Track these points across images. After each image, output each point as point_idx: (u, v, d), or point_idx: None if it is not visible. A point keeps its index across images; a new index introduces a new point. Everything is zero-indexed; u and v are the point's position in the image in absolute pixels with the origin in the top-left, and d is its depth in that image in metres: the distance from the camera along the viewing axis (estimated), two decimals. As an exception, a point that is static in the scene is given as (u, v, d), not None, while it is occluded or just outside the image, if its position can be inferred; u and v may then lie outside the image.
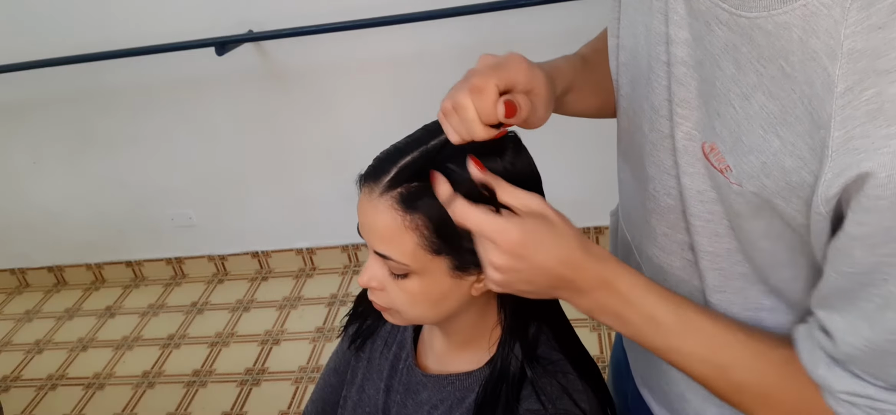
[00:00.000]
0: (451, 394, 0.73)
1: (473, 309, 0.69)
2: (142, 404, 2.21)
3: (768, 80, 0.45)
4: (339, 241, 2.68)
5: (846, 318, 0.47)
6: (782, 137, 0.45)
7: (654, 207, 0.63)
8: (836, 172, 0.41)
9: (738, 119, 0.48)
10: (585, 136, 2.17)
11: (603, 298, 0.56)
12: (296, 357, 2.29)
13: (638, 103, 0.62)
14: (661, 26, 0.55)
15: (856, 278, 0.44)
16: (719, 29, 0.48)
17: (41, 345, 2.60)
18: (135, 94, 2.41)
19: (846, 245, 0.43)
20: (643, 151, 0.63)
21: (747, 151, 0.48)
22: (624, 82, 0.66)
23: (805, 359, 0.52)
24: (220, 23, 2.17)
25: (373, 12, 2.03)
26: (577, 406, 0.66)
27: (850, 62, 0.39)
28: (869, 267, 0.43)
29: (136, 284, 2.87)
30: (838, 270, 0.45)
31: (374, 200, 0.62)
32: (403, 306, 0.66)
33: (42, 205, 2.75)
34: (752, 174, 0.48)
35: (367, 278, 0.66)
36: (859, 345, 0.46)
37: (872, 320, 0.45)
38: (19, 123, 2.54)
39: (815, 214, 0.44)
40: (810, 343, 0.52)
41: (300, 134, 2.42)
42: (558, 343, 0.71)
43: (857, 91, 0.39)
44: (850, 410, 0.49)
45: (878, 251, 0.42)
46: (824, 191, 0.42)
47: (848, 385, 0.48)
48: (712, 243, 0.58)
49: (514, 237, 0.53)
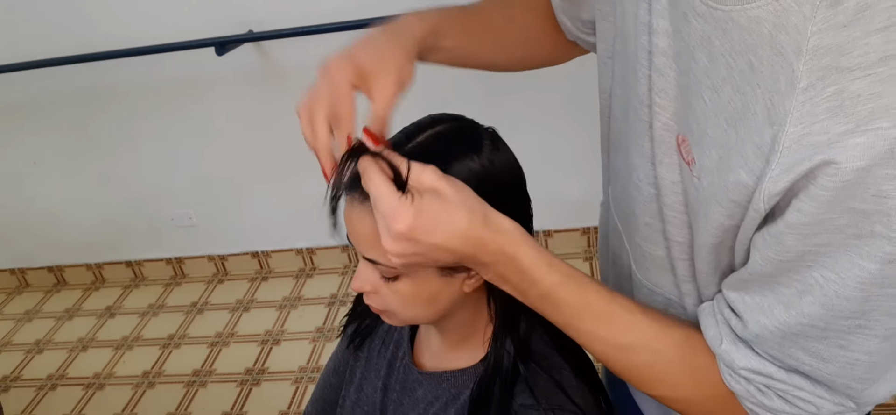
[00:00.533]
0: (446, 391, 0.73)
1: (468, 306, 0.69)
2: (142, 404, 2.21)
3: (737, 73, 0.45)
4: (339, 241, 2.68)
5: (761, 301, 0.49)
6: (738, 132, 0.46)
7: (637, 195, 0.64)
8: (786, 167, 0.41)
9: (707, 112, 0.49)
10: (585, 135, 2.17)
11: (504, 270, 0.55)
12: (296, 357, 2.29)
13: (626, 91, 0.63)
14: (644, 15, 0.56)
15: (781, 265, 0.45)
16: (696, 21, 0.48)
17: (41, 345, 2.60)
18: (135, 95, 2.41)
19: (780, 232, 0.44)
20: (629, 139, 0.64)
21: (710, 145, 0.49)
22: (617, 70, 0.67)
23: (710, 334, 0.54)
24: (220, 23, 2.17)
25: (373, 12, 2.03)
26: (571, 402, 0.66)
27: (815, 59, 0.40)
28: (796, 255, 0.44)
29: (136, 284, 2.87)
30: (765, 255, 0.46)
31: (356, 207, 0.62)
32: (398, 308, 0.66)
33: (42, 205, 2.75)
34: (711, 168, 0.49)
35: (360, 283, 0.66)
36: (771, 327, 0.48)
37: (789, 304, 0.46)
38: (19, 123, 2.55)
39: (753, 211, 0.45)
40: (714, 320, 0.54)
41: (300, 134, 2.41)
42: (552, 339, 0.71)
43: (820, 87, 0.40)
44: (746, 386, 0.52)
45: (809, 241, 0.43)
46: (770, 187, 0.43)
47: (749, 362, 0.51)
48: (682, 234, 0.59)
49: (405, 222, 0.51)
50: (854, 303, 0.43)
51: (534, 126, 2.15)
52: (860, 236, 0.40)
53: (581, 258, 2.46)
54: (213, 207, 2.66)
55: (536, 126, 2.16)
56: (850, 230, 0.41)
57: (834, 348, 0.46)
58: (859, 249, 0.41)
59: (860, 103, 0.38)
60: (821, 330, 0.46)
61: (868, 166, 0.38)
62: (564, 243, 2.49)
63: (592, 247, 2.49)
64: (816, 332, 0.46)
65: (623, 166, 0.69)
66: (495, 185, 0.61)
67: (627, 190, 0.67)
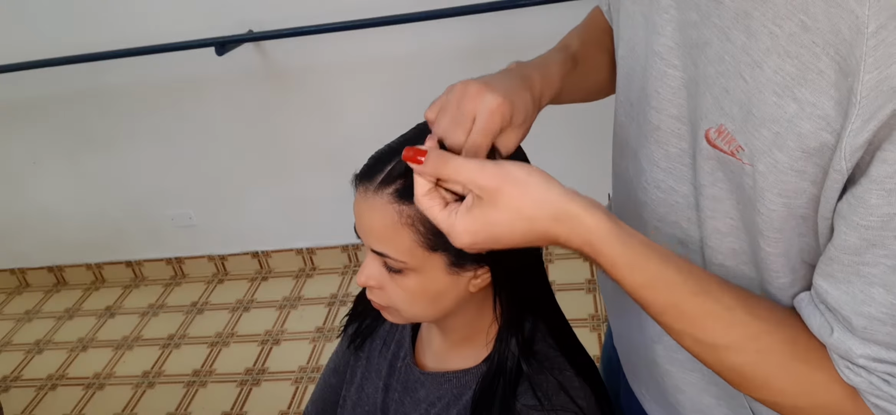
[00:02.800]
0: (448, 391, 0.73)
1: (471, 306, 0.70)
2: (142, 404, 2.21)
3: (785, 39, 0.44)
4: (338, 241, 2.68)
5: (850, 289, 0.45)
6: (799, 99, 0.44)
7: (645, 199, 0.63)
8: (867, 116, 0.40)
9: (749, 91, 0.47)
10: (586, 135, 2.17)
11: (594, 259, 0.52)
12: (296, 357, 2.29)
13: (634, 95, 0.62)
14: (656, 16, 0.55)
15: (866, 233, 0.42)
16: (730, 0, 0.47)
17: (41, 345, 2.60)
18: (135, 95, 2.41)
19: (864, 191, 0.41)
20: (636, 143, 0.63)
21: (758, 124, 0.46)
22: (621, 75, 0.67)
23: (815, 324, 0.49)
24: (220, 23, 2.17)
25: (373, 12, 2.03)
26: (574, 402, 0.66)
27: (878, 1, 0.38)
28: (880, 220, 0.41)
29: (136, 284, 2.87)
30: (850, 222, 0.43)
31: (369, 199, 0.62)
32: (402, 304, 0.66)
33: (42, 205, 2.75)
34: (764, 149, 0.47)
35: (365, 277, 0.66)
36: (877, 313, 0.44)
37: (888, 284, 0.42)
38: (19, 123, 2.55)
39: (834, 173, 0.43)
40: (816, 310, 0.49)
41: (300, 134, 2.42)
42: (554, 339, 0.71)
43: (891, 27, 0.38)
44: (867, 377, 0.46)
45: (894, 201, 0.40)
46: (851, 140, 0.41)
47: (867, 349, 0.45)
48: (714, 240, 0.57)
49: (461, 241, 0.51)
50: None
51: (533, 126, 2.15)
52: None
53: (581, 258, 2.47)
54: (213, 207, 2.66)
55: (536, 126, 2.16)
56: None
57: None
58: None
59: None
60: None
61: None
62: (564, 243, 2.49)
63: (592, 247, 2.49)
64: None
65: (626, 170, 0.69)
66: None
67: (633, 194, 0.66)
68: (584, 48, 0.76)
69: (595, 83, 0.78)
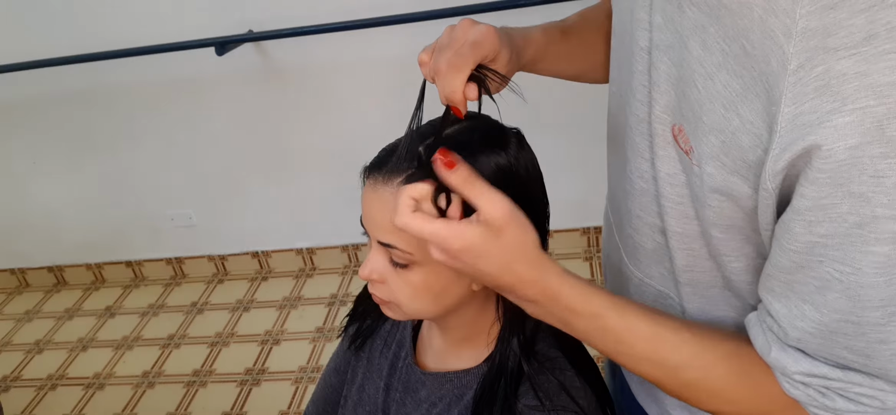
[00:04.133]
0: (449, 391, 0.73)
1: (473, 305, 0.70)
2: (142, 404, 2.22)
3: (732, 58, 0.46)
4: (339, 241, 2.68)
5: (787, 304, 0.48)
6: (741, 115, 0.46)
7: (630, 188, 0.65)
8: (783, 146, 0.42)
9: (701, 99, 0.49)
10: (585, 136, 2.18)
11: (548, 308, 0.57)
12: (296, 357, 2.29)
13: (622, 87, 0.64)
14: (642, 12, 0.57)
15: (794, 257, 0.46)
16: (690, 10, 0.50)
17: (41, 345, 2.60)
18: (135, 95, 2.41)
19: (788, 219, 0.45)
20: (624, 134, 0.65)
21: (707, 131, 0.49)
22: (613, 67, 0.68)
23: (758, 344, 0.52)
24: (220, 23, 2.17)
25: (373, 12, 2.03)
26: (575, 403, 0.66)
27: (803, 40, 0.41)
28: (805, 246, 0.44)
29: (136, 284, 2.87)
30: (781, 245, 0.46)
31: (379, 190, 0.62)
32: (404, 299, 0.66)
33: (42, 205, 2.75)
34: (712, 154, 0.49)
35: (368, 271, 0.66)
36: (808, 328, 0.47)
37: (816, 303, 0.46)
38: (19, 123, 2.55)
39: (763, 191, 0.46)
40: (761, 328, 0.53)
41: (300, 134, 2.42)
42: (557, 340, 0.71)
43: (808, 68, 0.41)
44: (805, 391, 0.50)
45: (815, 230, 0.43)
46: (772, 165, 0.44)
47: (801, 366, 0.49)
48: (681, 225, 0.59)
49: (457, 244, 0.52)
50: (879, 290, 0.43)
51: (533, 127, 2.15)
52: (863, 224, 0.41)
53: (581, 258, 2.47)
54: (213, 207, 2.66)
55: (536, 127, 2.16)
56: (852, 218, 0.41)
57: (875, 344, 0.45)
58: (865, 236, 0.41)
59: (846, 82, 0.39)
60: (855, 325, 0.45)
61: (859, 144, 0.39)
62: (564, 243, 2.49)
63: (592, 247, 2.49)
64: (852, 328, 0.45)
65: (615, 160, 0.70)
66: (518, 181, 0.62)
67: (622, 184, 0.68)
68: (581, 23, 0.79)
69: (591, 63, 0.81)
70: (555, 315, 0.57)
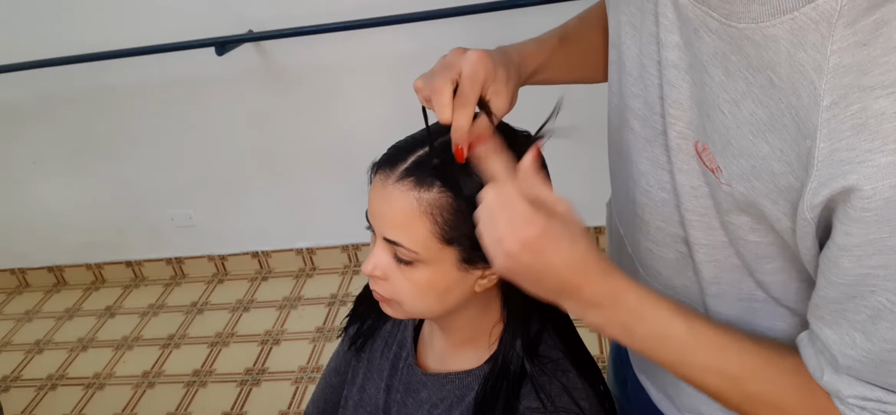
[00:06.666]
0: (450, 392, 0.73)
1: (475, 306, 0.69)
2: (142, 404, 2.21)
3: (757, 88, 0.45)
4: (339, 241, 2.68)
5: (837, 331, 0.48)
6: (771, 143, 0.46)
7: (646, 201, 0.64)
8: (822, 181, 0.42)
9: (728, 124, 0.49)
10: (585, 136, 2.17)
11: (611, 312, 0.55)
12: (296, 357, 2.29)
13: (629, 100, 0.63)
14: (651, 27, 0.56)
15: (844, 289, 0.45)
16: (708, 36, 0.48)
17: (41, 345, 2.60)
18: (135, 94, 2.41)
19: (834, 255, 0.44)
20: (635, 147, 0.63)
21: (737, 155, 0.49)
22: (612, 78, 0.67)
23: (811, 366, 0.52)
24: (220, 23, 2.16)
25: (373, 12, 2.03)
26: (577, 405, 0.66)
27: (836, 77, 0.40)
28: (856, 278, 0.44)
29: (136, 284, 2.87)
30: (828, 279, 0.46)
31: (388, 186, 0.62)
32: (407, 297, 0.65)
33: (42, 205, 2.75)
34: (742, 176, 0.49)
35: (371, 266, 0.65)
36: (858, 356, 0.47)
37: (867, 332, 0.45)
38: (19, 123, 2.54)
39: (801, 220, 0.45)
40: (813, 350, 0.52)
41: (300, 134, 2.42)
42: (560, 342, 0.71)
43: (843, 105, 0.40)
44: (860, 413, 0.49)
45: (865, 263, 0.42)
46: (810, 199, 0.43)
47: (855, 390, 0.48)
48: (707, 236, 0.58)
49: (535, 230, 0.51)
50: None
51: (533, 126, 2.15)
52: None
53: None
54: (213, 207, 2.66)
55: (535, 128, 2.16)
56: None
57: None
58: None
59: (885, 121, 0.39)
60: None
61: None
62: (564, 243, 2.49)
63: (592, 247, 2.49)
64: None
65: (623, 173, 0.69)
66: None
67: (632, 195, 0.66)
68: (580, 26, 0.78)
69: (593, 65, 0.80)
70: (617, 321, 0.55)
